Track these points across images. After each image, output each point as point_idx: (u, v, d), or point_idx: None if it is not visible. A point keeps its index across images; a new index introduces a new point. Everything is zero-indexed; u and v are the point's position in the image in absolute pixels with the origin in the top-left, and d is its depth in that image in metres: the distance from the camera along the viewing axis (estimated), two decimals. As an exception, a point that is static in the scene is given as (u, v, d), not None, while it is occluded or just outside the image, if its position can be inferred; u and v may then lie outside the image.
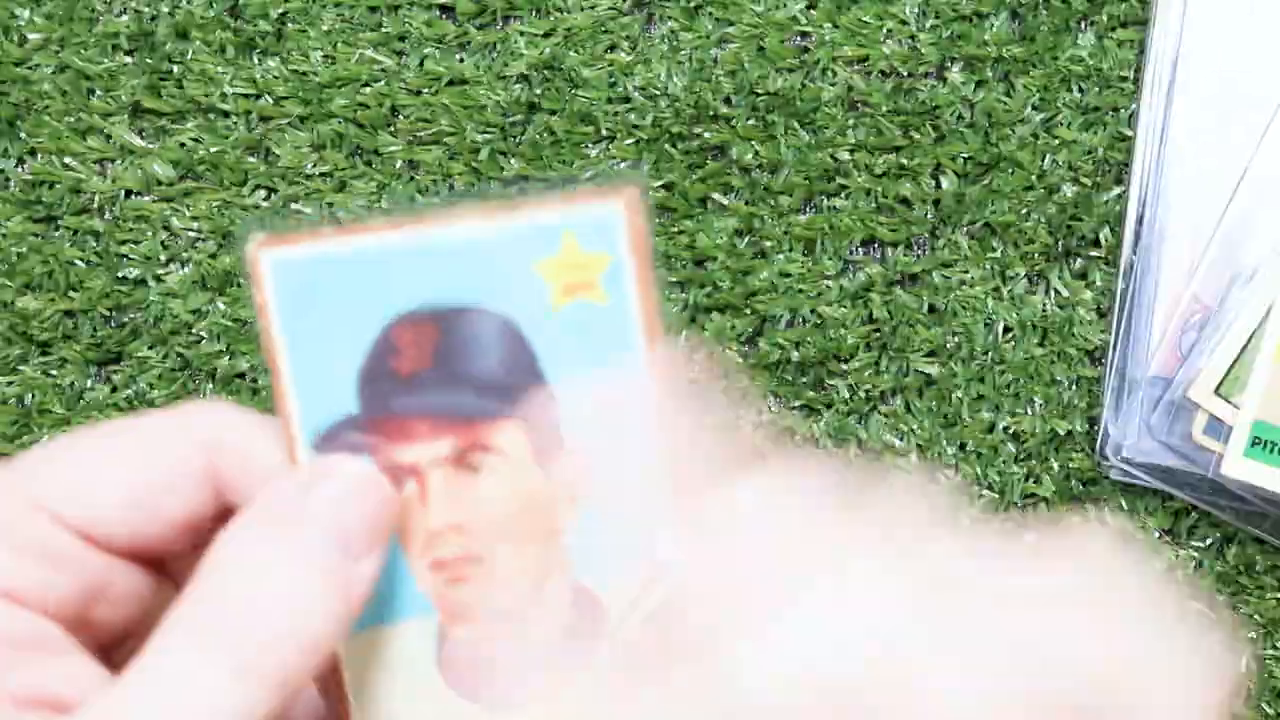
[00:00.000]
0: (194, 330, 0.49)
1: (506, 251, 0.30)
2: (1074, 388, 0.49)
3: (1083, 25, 0.49)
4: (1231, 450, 0.46)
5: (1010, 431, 0.48)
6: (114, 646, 0.34)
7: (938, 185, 0.49)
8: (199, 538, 0.34)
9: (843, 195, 0.49)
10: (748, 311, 0.49)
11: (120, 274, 0.49)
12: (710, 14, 0.49)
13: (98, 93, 0.49)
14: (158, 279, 0.49)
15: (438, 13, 0.50)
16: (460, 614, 0.31)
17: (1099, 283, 0.49)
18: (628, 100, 0.49)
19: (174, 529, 0.33)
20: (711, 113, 0.49)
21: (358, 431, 0.31)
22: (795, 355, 0.49)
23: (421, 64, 0.49)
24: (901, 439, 0.48)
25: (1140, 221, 0.48)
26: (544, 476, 0.30)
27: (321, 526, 0.30)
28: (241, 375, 0.49)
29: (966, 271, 0.49)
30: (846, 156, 0.49)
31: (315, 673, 0.30)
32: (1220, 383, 0.46)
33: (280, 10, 0.50)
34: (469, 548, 0.31)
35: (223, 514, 0.34)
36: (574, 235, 0.30)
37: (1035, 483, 0.48)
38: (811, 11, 0.49)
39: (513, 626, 0.32)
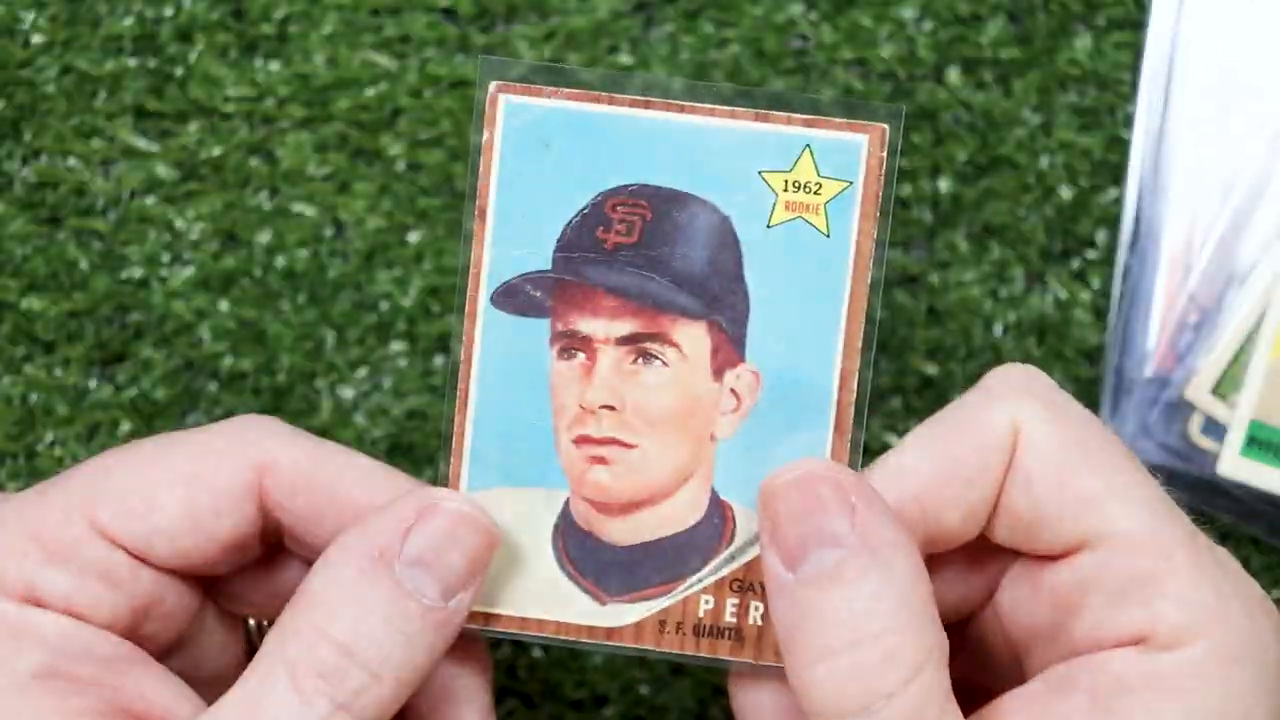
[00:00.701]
0: (197, 331, 0.49)
1: (741, 151, 0.29)
2: (1072, 388, 0.49)
3: (1080, 27, 0.50)
4: (1228, 450, 0.46)
5: (1008, 431, 0.49)
6: (164, 655, 0.34)
7: (936, 187, 0.49)
8: (244, 555, 0.34)
9: (842, 197, 0.49)
10: (747, 312, 0.49)
11: (123, 275, 0.49)
12: (710, 16, 0.50)
13: (101, 95, 0.50)
14: (161, 280, 0.49)
15: (439, 15, 0.50)
16: (592, 495, 0.31)
17: (1096, 284, 0.49)
18: (628, 102, 0.50)
19: (222, 548, 0.33)
20: (711, 115, 0.49)
21: (542, 290, 0.30)
22: (794, 355, 0.49)
23: (423, 66, 0.50)
24: (901, 439, 0.49)
25: (1137, 222, 0.48)
26: (714, 384, 0.30)
27: (422, 567, 0.30)
28: (244, 375, 0.49)
29: (964, 273, 0.49)
30: (845, 158, 0.49)
31: (403, 702, 0.31)
32: (1217, 383, 0.46)
33: (283, 13, 0.50)
34: (619, 432, 0.30)
35: (267, 532, 0.34)
36: (813, 154, 0.29)
37: (1033, 482, 0.48)
38: (810, 14, 0.50)
39: (639, 520, 0.31)
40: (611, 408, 0.30)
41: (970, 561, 0.34)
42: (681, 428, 0.30)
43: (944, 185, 0.49)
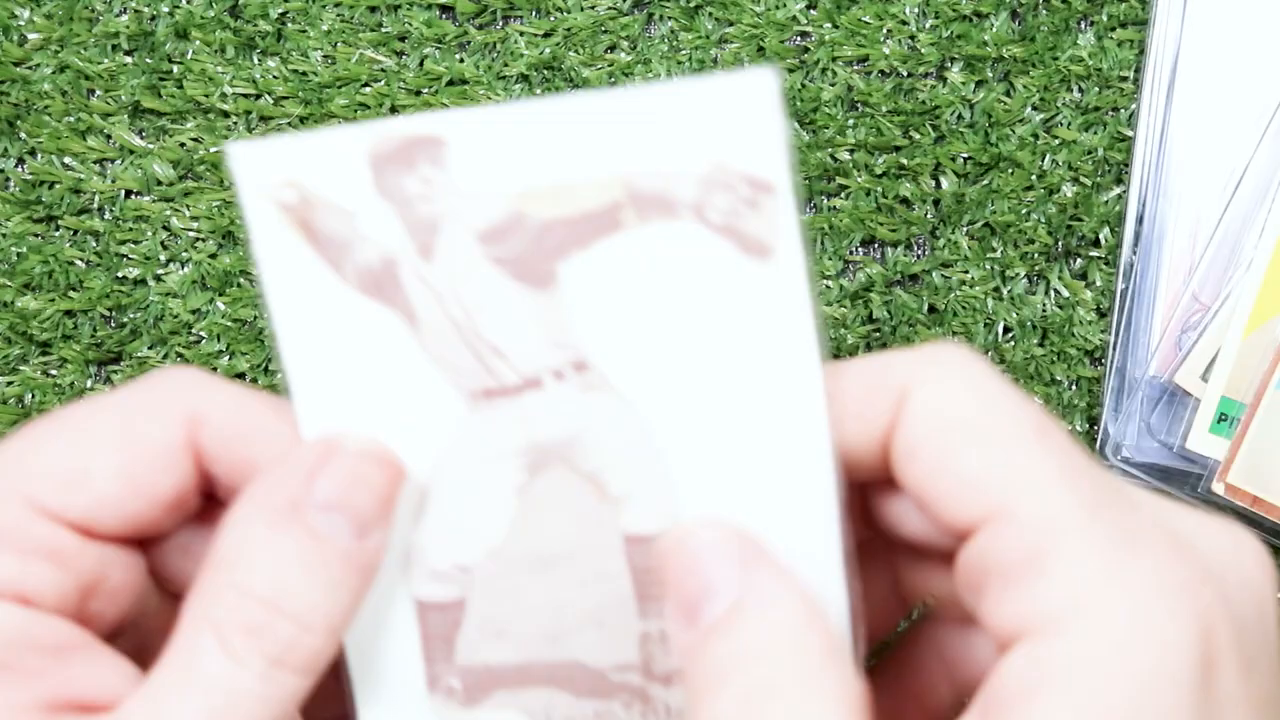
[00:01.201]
0: (194, 330, 0.49)
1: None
2: (1074, 388, 0.49)
3: (1083, 25, 0.49)
4: (1197, 425, 0.46)
5: (1010, 431, 0.48)
6: (112, 637, 0.34)
7: (938, 185, 0.49)
8: (184, 513, 0.33)
9: (843, 195, 0.49)
10: (748, 311, 0.49)
11: (120, 274, 0.49)
12: (710, 14, 0.49)
13: (98, 93, 0.50)
14: (158, 279, 0.49)
15: (438, 13, 0.50)
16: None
17: (1099, 283, 0.49)
18: (628, 100, 0.49)
19: (163, 508, 0.32)
20: (711, 113, 0.49)
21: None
22: (795, 355, 0.49)
23: (421, 64, 0.49)
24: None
25: (1140, 221, 0.48)
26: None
27: (333, 510, 0.30)
28: (241, 375, 0.49)
29: (966, 271, 0.49)
30: (846, 156, 0.49)
31: (337, 648, 0.30)
32: (1206, 367, 0.46)
33: (280, 10, 0.50)
34: None
35: (204, 486, 0.33)
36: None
37: (1035, 483, 0.48)
38: (811, 11, 0.49)
39: None
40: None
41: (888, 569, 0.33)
42: None
43: (946, 183, 0.49)
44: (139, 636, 0.34)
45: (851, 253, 0.49)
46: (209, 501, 0.34)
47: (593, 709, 0.31)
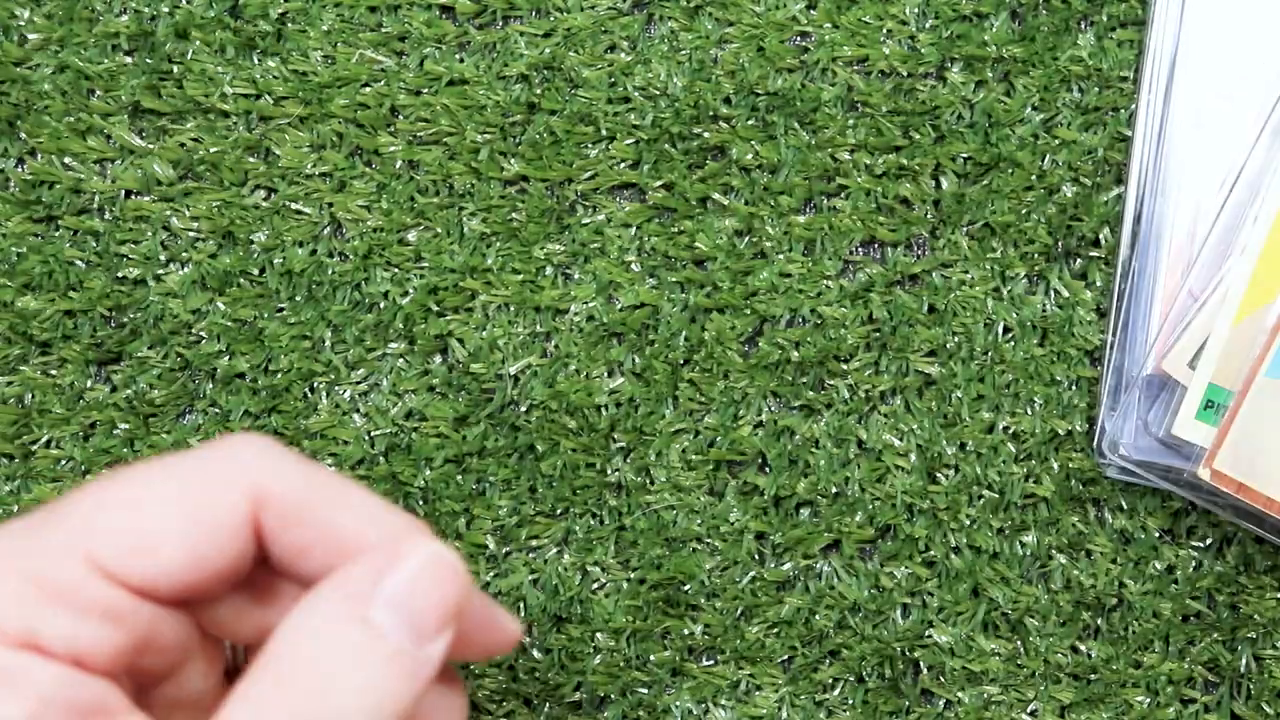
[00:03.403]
0: (194, 330, 0.49)
1: None
2: (1074, 387, 0.49)
3: (1083, 25, 0.49)
4: (1183, 411, 0.46)
5: (1010, 431, 0.48)
6: (151, 688, 0.34)
7: (938, 185, 0.49)
8: (239, 579, 0.34)
9: (843, 195, 0.49)
10: (748, 311, 0.49)
11: (120, 274, 0.49)
12: (710, 14, 0.49)
13: (97, 93, 0.49)
14: (158, 279, 0.49)
15: (437, 13, 0.50)
16: None
17: (1099, 283, 0.49)
18: (628, 100, 0.49)
19: (220, 577, 0.33)
20: (711, 113, 0.49)
21: None
22: (795, 355, 0.49)
23: (421, 64, 0.49)
24: (901, 439, 0.49)
25: (1138, 221, 0.48)
26: None
27: (394, 612, 0.30)
28: (241, 375, 0.49)
29: (966, 272, 0.49)
30: (846, 156, 0.49)
31: None
32: (1194, 354, 0.46)
33: (280, 10, 0.50)
34: None
35: (260, 554, 0.34)
36: None
37: (1035, 483, 0.48)
38: (811, 12, 0.49)
39: None
40: None
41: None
42: None
43: (946, 184, 0.49)
44: (179, 682, 0.34)
45: (851, 253, 0.49)
46: (261, 566, 0.34)
47: None
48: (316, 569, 0.32)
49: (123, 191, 0.49)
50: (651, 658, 0.48)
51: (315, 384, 0.49)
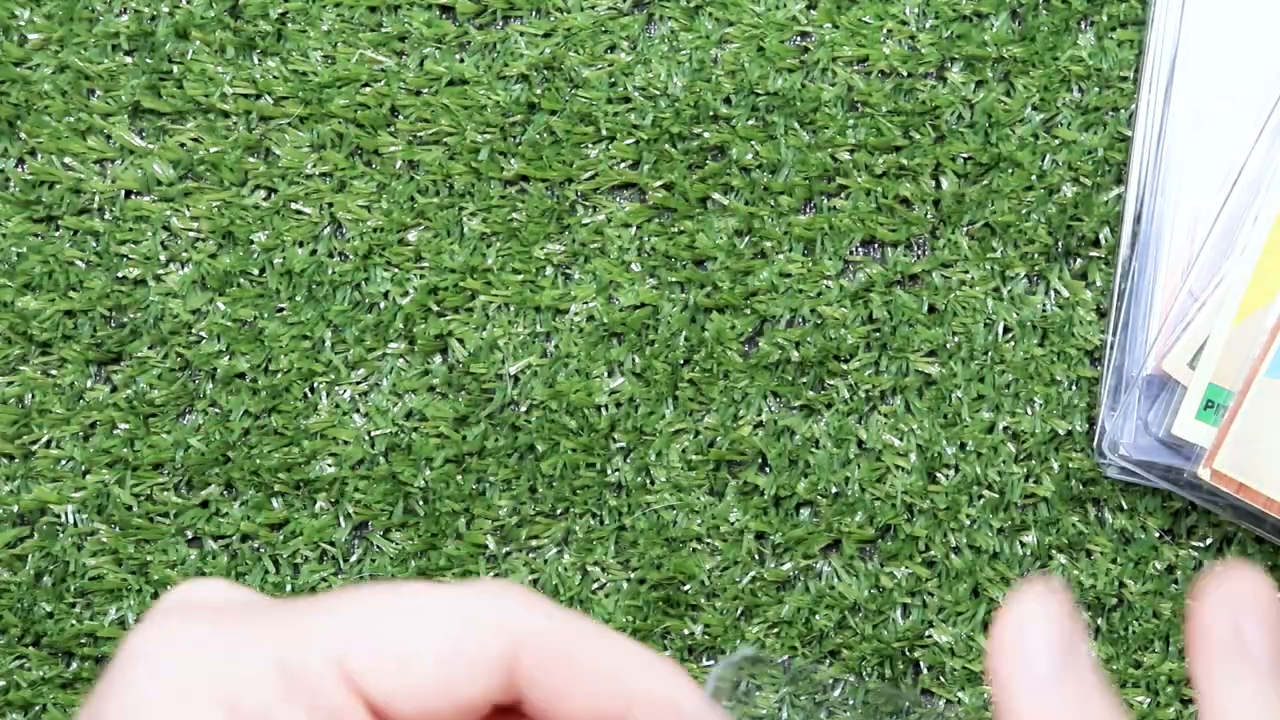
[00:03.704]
0: (194, 330, 0.49)
1: None
2: (1074, 387, 0.49)
3: (1083, 25, 0.49)
4: (1183, 411, 0.46)
5: (1010, 431, 0.48)
6: None
7: (938, 185, 0.49)
8: (476, 714, 0.34)
9: (843, 195, 0.49)
10: (748, 311, 0.49)
11: (120, 274, 0.49)
12: (710, 14, 0.49)
13: (98, 93, 0.50)
14: (158, 279, 0.49)
15: (438, 13, 0.50)
16: None
17: (1099, 282, 0.49)
18: (628, 100, 0.49)
19: (458, 712, 0.33)
20: (711, 113, 0.49)
21: None
22: (795, 355, 0.49)
23: (421, 64, 0.49)
24: (901, 439, 0.49)
25: (1138, 221, 0.48)
26: None
27: None
28: (241, 375, 0.49)
29: (966, 271, 0.49)
30: (846, 156, 0.49)
31: None
32: (1194, 355, 0.46)
33: (280, 10, 0.50)
34: None
35: (505, 701, 0.34)
36: None
37: (1035, 483, 0.48)
38: (811, 12, 0.49)
39: None
40: None
41: None
42: None
43: (946, 183, 0.49)
44: None
45: (851, 253, 0.49)
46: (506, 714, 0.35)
47: None
48: (575, 713, 0.33)
49: (123, 191, 0.49)
50: (651, 658, 0.48)
51: (315, 384, 0.49)
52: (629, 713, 0.33)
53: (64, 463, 0.49)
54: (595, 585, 0.48)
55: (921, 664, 0.48)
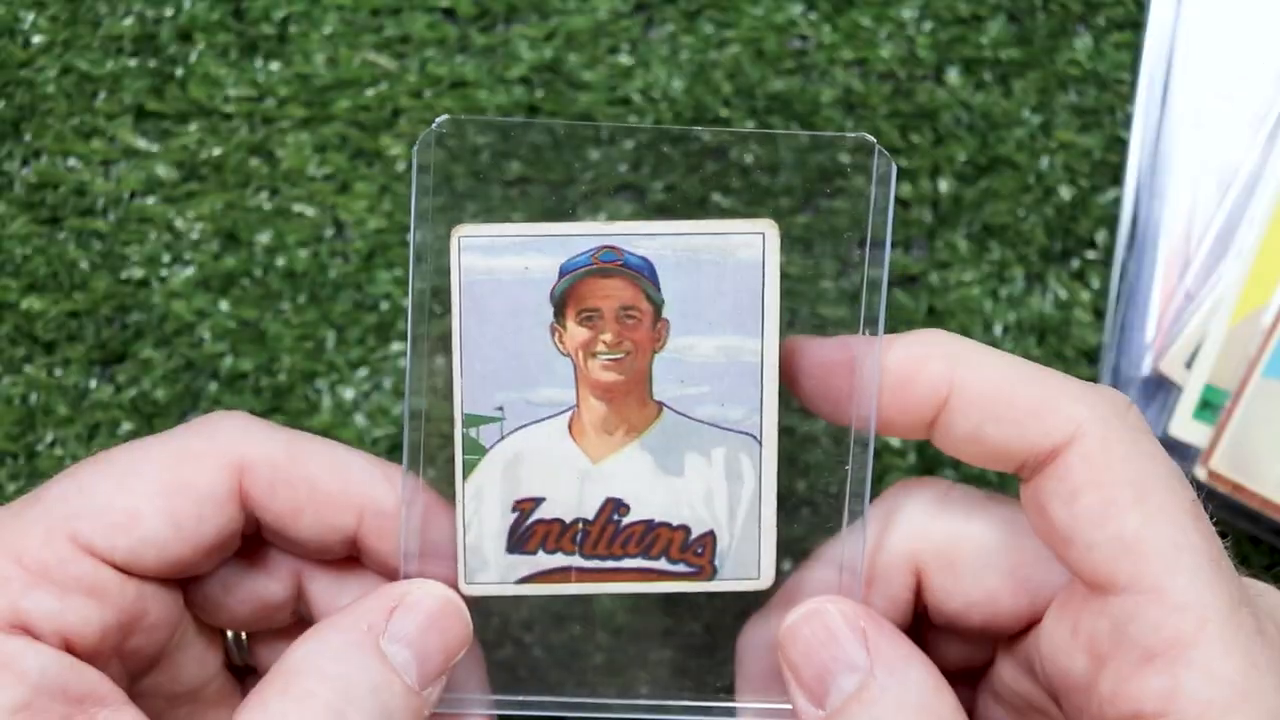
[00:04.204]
0: (197, 331, 0.49)
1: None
2: (1071, 388, 0.49)
3: (1079, 28, 0.50)
4: (1180, 412, 0.46)
5: (1008, 431, 0.49)
6: (142, 675, 0.34)
7: (936, 187, 0.49)
8: (226, 553, 0.34)
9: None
10: (747, 312, 0.49)
11: (124, 275, 0.49)
12: (710, 17, 0.50)
13: (101, 95, 0.50)
14: (161, 280, 0.49)
15: (439, 15, 0.50)
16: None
17: (1096, 284, 0.49)
18: (628, 102, 0.50)
19: (206, 551, 0.33)
20: (711, 115, 0.49)
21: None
22: (794, 355, 0.49)
23: (423, 67, 0.50)
24: (901, 439, 0.49)
25: (1135, 222, 0.48)
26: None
27: (405, 646, 0.31)
28: (244, 375, 0.49)
29: (964, 273, 0.49)
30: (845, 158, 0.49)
31: None
32: (1191, 355, 0.46)
33: (283, 13, 0.50)
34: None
35: (247, 527, 0.34)
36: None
37: (1033, 482, 0.48)
38: (810, 14, 0.50)
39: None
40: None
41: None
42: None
43: (944, 185, 0.49)
44: (173, 670, 0.35)
45: (851, 253, 0.49)
46: (249, 540, 0.35)
47: None
48: (309, 533, 0.33)
49: (127, 193, 0.50)
50: (651, 657, 0.48)
51: (318, 384, 0.49)
52: (360, 524, 0.33)
53: (68, 462, 0.49)
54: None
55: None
